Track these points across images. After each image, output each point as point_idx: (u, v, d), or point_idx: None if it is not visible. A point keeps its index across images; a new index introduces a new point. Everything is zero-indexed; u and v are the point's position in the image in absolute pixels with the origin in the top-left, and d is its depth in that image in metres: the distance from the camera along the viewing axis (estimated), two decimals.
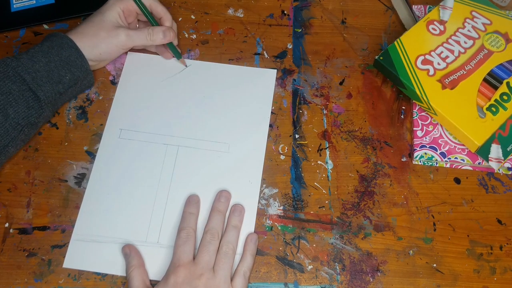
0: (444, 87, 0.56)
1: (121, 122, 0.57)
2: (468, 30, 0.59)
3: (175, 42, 0.59)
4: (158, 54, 0.61)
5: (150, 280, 0.48)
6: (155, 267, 0.49)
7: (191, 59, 0.62)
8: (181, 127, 0.57)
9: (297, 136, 0.57)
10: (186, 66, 0.61)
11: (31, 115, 0.50)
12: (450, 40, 0.58)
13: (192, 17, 0.65)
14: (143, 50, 0.62)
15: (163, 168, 0.54)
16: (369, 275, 0.51)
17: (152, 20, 0.58)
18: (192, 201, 0.52)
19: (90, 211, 0.52)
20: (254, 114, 0.58)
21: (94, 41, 0.54)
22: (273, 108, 0.59)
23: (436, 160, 0.56)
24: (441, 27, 0.59)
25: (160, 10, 0.58)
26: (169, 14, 0.58)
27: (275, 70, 0.61)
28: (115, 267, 0.49)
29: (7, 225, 0.51)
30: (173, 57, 0.61)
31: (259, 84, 0.60)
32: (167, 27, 0.57)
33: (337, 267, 0.51)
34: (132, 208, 0.52)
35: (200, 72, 0.61)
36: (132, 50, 0.61)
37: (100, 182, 0.53)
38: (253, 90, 0.60)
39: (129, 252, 0.49)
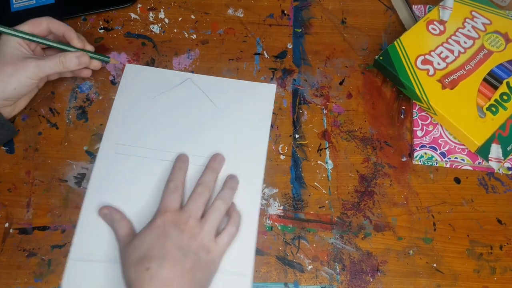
0: (444, 87, 0.56)
1: (117, 136, 0.55)
2: (468, 30, 0.59)
3: (90, 48, 0.56)
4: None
5: None
6: None
7: (190, 59, 0.62)
8: (180, 142, 0.55)
9: (297, 136, 0.57)
10: (120, 63, 0.60)
11: None
12: (450, 40, 0.58)
13: (192, 17, 0.65)
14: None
15: (159, 184, 0.52)
16: (369, 275, 0.51)
17: (56, 46, 0.54)
18: (182, 159, 0.53)
19: (88, 230, 0.50)
20: (253, 130, 0.57)
21: (2, 78, 0.50)
22: (273, 108, 0.59)
23: (436, 160, 0.56)
24: (441, 27, 0.59)
25: (59, 27, 0.54)
26: (69, 27, 0.54)
27: (275, 85, 0.60)
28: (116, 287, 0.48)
29: (7, 225, 0.51)
30: (92, 71, 0.58)
31: (258, 98, 0.59)
32: (81, 52, 0.54)
33: (337, 267, 0.51)
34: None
35: (198, 85, 0.59)
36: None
37: (97, 199, 0.51)
38: (252, 105, 0.58)
39: (108, 211, 0.50)
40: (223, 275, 0.48)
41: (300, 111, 0.59)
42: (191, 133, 0.56)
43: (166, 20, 0.65)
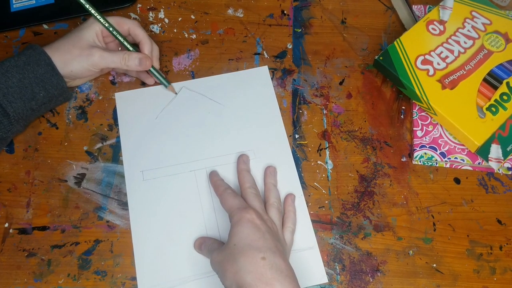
0: (444, 87, 0.56)
1: (138, 164, 0.54)
2: (468, 30, 0.59)
3: (157, 66, 0.57)
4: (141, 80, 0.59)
5: None
6: None
7: (190, 59, 0.62)
8: (200, 148, 0.56)
9: (297, 136, 0.57)
10: (176, 93, 0.59)
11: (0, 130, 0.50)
12: (450, 40, 0.58)
13: (192, 17, 0.65)
14: (124, 75, 0.60)
15: (200, 194, 0.53)
16: (369, 275, 0.51)
17: (126, 45, 0.56)
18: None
19: (147, 263, 0.50)
20: (264, 113, 0.58)
21: (66, 57, 0.53)
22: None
23: (436, 160, 0.56)
24: (441, 27, 0.59)
25: (138, 33, 0.56)
26: (148, 38, 0.56)
27: (266, 66, 0.61)
28: None
29: (7, 225, 0.51)
30: (156, 82, 0.59)
31: (256, 83, 0.60)
32: (144, 54, 0.55)
33: (337, 267, 0.51)
34: (186, 243, 0.51)
35: (195, 90, 0.59)
36: (116, 73, 0.60)
37: (144, 231, 0.51)
38: (253, 91, 0.59)
39: (203, 241, 0.50)
40: (297, 253, 0.51)
41: (300, 111, 0.59)
42: (208, 136, 0.56)
43: (166, 20, 0.65)
